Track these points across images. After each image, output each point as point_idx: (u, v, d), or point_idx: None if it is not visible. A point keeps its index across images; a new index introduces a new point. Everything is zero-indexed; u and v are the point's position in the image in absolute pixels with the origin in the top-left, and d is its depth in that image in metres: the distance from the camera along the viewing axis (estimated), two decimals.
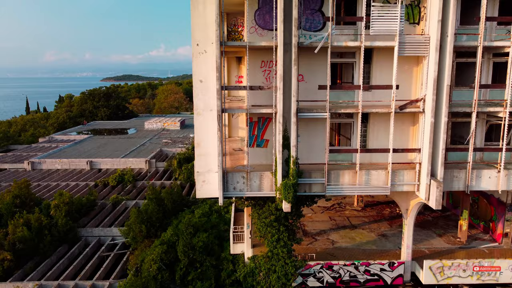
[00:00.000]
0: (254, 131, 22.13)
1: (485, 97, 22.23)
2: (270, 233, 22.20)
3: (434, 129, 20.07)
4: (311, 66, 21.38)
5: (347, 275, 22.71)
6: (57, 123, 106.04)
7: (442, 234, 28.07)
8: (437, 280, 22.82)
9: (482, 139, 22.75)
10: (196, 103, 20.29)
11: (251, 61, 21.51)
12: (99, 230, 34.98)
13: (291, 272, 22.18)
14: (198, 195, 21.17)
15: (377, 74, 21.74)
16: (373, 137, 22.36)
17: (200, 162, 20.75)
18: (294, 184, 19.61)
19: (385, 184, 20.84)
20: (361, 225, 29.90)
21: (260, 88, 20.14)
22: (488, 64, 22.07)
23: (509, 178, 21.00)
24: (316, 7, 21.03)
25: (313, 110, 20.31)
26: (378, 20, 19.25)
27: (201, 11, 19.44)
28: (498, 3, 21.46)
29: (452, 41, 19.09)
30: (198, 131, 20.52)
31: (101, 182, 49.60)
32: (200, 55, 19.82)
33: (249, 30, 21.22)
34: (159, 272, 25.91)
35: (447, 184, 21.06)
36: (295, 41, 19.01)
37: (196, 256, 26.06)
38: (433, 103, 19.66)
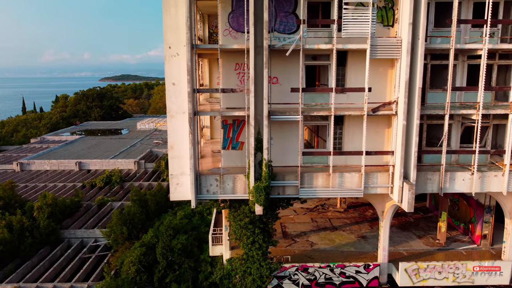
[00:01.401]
0: (229, 133, 22.12)
1: (460, 100, 22.27)
2: (245, 236, 22.19)
3: (407, 132, 20.09)
4: (286, 69, 21.39)
5: (322, 277, 22.71)
6: (50, 123, 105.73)
7: (422, 235, 28.11)
8: (413, 282, 22.86)
9: (458, 141, 22.79)
10: (169, 106, 20.25)
11: (225, 63, 21.52)
12: (82, 231, 34.89)
13: (266, 275, 22.18)
14: (172, 198, 21.13)
15: (351, 77, 21.77)
16: (348, 140, 22.38)
17: (174, 164, 20.72)
18: (266, 186, 19.61)
19: (359, 187, 20.86)
20: (342, 227, 29.93)
21: (233, 91, 20.12)
22: (463, 66, 22.11)
23: (483, 180, 21.05)
24: (290, 9, 21.04)
25: (286, 113, 20.30)
26: (350, 23, 19.27)
27: (173, 14, 19.41)
28: (472, 6, 21.50)
29: (423, 44, 19.11)
30: (172, 134, 20.48)
31: (88, 183, 49.50)
32: (172, 58, 19.78)
33: (223, 33, 21.22)
34: (137, 274, 25.88)
35: (421, 186, 21.11)
36: (266, 44, 19.01)
37: (175, 258, 26.02)
38: (405, 105, 19.67)
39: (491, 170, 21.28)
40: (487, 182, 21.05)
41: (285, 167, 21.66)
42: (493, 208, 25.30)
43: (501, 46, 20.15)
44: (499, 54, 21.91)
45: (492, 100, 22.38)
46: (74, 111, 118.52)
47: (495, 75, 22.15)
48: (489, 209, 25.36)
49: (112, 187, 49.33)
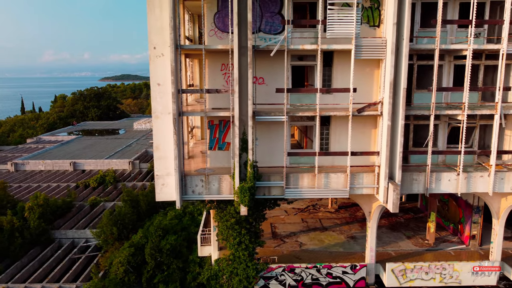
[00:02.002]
0: (215, 134, 22.10)
1: (447, 100, 22.25)
2: (231, 236, 22.18)
3: (392, 132, 20.07)
4: (272, 69, 21.35)
5: (309, 277, 22.69)
6: (47, 123, 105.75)
7: (412, 236, 28.10)
8: (400, 282, 22.85)
9: (444, 141, 22.78)
10: (154, 106, 20.22)
11: (211, 64, 21.51)
12: (73, 232, 34.89)
13: (252, 275, 22.15)
14: (158, 199, 21.12)
15: (338, 77, 21.75)
16: (335, 140, 22.36)
17: (159, 165, 20.69)
18: (250, 187, 19.58)
19: (345, 187, 20.84)
20: (332, 227, 29.90)
21: (217, 91, 20.10)
22: (449, 66, 22.09)
23: (469, 181, 21.03)
24: (276, 10, 21.02)
25: (271, 114, 20.27)
26: (334, 23, 19.23)
27: (158, 14, 19.37)
28: (458, 6, 21.48)
29: (407, 44, 19.08)
30: (157, 134, 20.46)
31: (82, 183, 49.48)
32: (157, 58, 19.74)
33: (209, 33, 21.21)
34: (126, 274, 25.86)
35: (407, 187, 21.09)
36: (250, 45, 18.97)
37: (163, 259, 26.01)
38: (390, 106, 19.65)
39: (477, 170, 21.27)
40: (473, 182, 21.03)
41: (272, 167, 21.62)
42: (481, 208, 25.29)
43: (486, 47, 20.12)
44: (485, 54, 21.89)
45: (479, 101, 22.37)
46: (71, 111, 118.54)
47: (481, 75, 22.14)
48: (478, 209, 25.34)
49: (106, 187, 49.32)
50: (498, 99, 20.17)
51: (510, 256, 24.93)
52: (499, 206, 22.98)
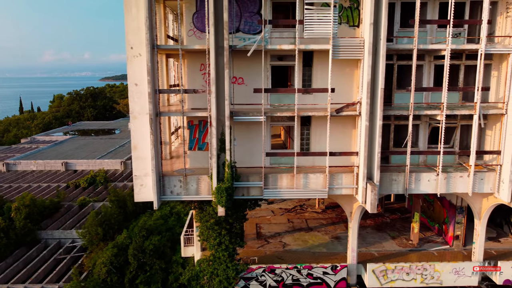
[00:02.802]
0: (195, 134, 22.04)
1: (428, 100, 22.19)
2: (211, 237, 22.11)
3: (370, 133, 20.00)
4: (252, 69, 21.27)
5: (289, 278, 22.62)
6: (43, 123, 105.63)
7: (396, 236, 28.02)
8: (381, 283, 22.78)
9: (425, 142, 22.71)
10: (132, 107, 20.14)
11: (190, 64, 21.46)
12: (59, 232, 34.81)
13: (232, 276, 22.07)
14: (136, 199, 21.00)
15: (318, 77, 21.69)
16: (315, 141, 22.29)
17: (138, 165, 20.59)
18: (227, 188, 19.51)
19: (324, 188, 20.77)
20: (318, 228, 29.84)
21: (195, 91, 20.03)
22: (429, 67, 22.03)
23: (448, 181, 20.98)
24: (255, 9, 20.96)
25: (249, 114, 20.21)
26: (312, 23, 19.17)
27: (135, 14, 19.28)
28: (438, 6, 21.42)
29: (384, 44, 19.02)
30: (135, 134, 20.36)
31: (72, 183, 49.40)
32: (134, 58, 19.65)
33: (188, 33, 21.17)
34: (108, 275, 25.80)
35: (386, 187, 21.03)
36: (227, 45, 18.90)
37: (146, 259, 25.95)
38: (368, 106, 19.58)
39: (457, 171, 21.21)
40: (452, 183, 20.98)
41: (252, 168, 21.53)
42: (465, 209, 25.22)
43: (465, 47, 20.08)
44: (466, 54, 21.82)
45: (460, 101, 22.30)
46: (67, 111, 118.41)
47: (462, 75, 22.08)
48: (461, 209, 25.28)
49: (96, 187, 49.24)
50: (477, 99, 20.11)
51: (493, 256, 24.85)
52: (480, 206, 22.93)
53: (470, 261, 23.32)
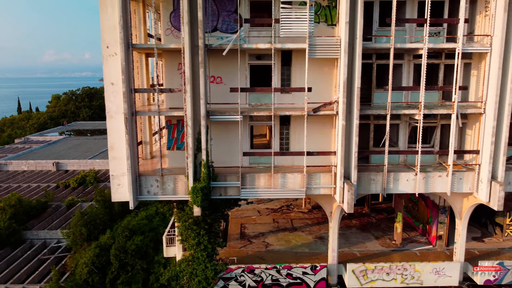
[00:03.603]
0: (173, 133, 21.95)
1: (407, 99, 22.09)
2: (190, 237, 22.00)
3: (347, 132, 19.92)
4: (230, 68, 21.19)
5: (269, 278, 22.51)
6: (38, 123, 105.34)
7: (380, 236, 27.93)
8: (361, 283, 22.67)
9: (405, 141, 22.63)
10: (108, 106, 20.05)
11: (168, 63, 21.37)
12: (45, 232, 34.68)
13: (211, 276, 21.97)
14: (113, 199, 20.92)
15: (296, 76, 21.60)
16: (294, 140, 22.21)
17: (114, 165, 20.51)
18: (203, 187, 19.41)
19: (301, 187, 20.68)
20: (302, 228, 29.73)
21: (171, 91, 19.94)
22: (409, 66, 21.94)
23: (427, 180, 20.89)
24: (232, 8, 20.87)
25: (226, 113, 20.11)
26: (288, 22, 19.08)
27: (110, 13, 19.17)
28: (417, 5, 21.33)
29: (360, 43, 18.93)
30: (111, 134, 20.27)
31: (62, 183, 49.26)
32: (110, 58, 19.56)
33: (165, 32, 21.07)
34: (89, 275, 25.68)
35: (364, 187, 20.94)
36: (202, 44, 18.81)
37: (128, 260, 25.83)
38: (344, 105, 19.49)
39: (436, 170, 21.13)
40: (431, 182, 20.89)
41: (231, 167, 21.44)
42: (448, 209, 25.13)
43: (442, 46, 20.00)
44: (445, 53, 21.73)
45: (440, 100, 22.20)
46: (62, 111, 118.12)
47: (441, 74, 21.99)
48: (444, 209, 25.20)
49: (86, 187, 49.10)
50: (455, 99, 20.02)
51: (475, 256, 24.76)
52: (461, 206, 22.83)
53: (450, 261, 23.21)
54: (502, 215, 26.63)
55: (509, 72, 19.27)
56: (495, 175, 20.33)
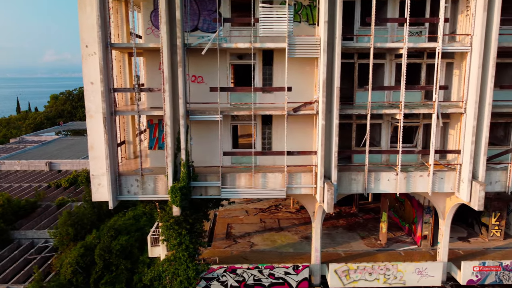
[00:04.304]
0: (155, 133, 21.90)
1: (389, 99, 22.05)
2: (172, 237, 21.95)
3: (327, 132, 19.87)
4: (212, 68, 21.14)
5: (251, 278, 22.46)
6: (34, 123, 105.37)
7: (366, 236, 27.87)
8: (343, 283, 22.63)
9: (388, 141, 22.57)
10: (88, 106, 20.00)
11: (149, 62, 21.31)
12: (32, 232, 34.65)
13: (192, 276, 21.92)
14: (94, 199, 20.86)
15: (278, 76, 21.54)
16: (277, 140, 22.16)
17: (95, 165, 20.45)
18: (182, 187, 19.36)
19: (282, 187, 20.63)
20: (289, 228, 29.68)
21: (150, 90, 19.89)
22: (391, 65, 21.89)
23: (408, 180, 20.85)
24: (213, 8, 20.82)
25: (206, 113, 20.06)
26: (267, 21, 19.04)
27: (89, 12, 19.12)
28: (398, 5, 21.28)
29: (339, 43, 18.90)
30: (91, 133, 20.22)
31: (54, 183, 49.21)
32: (89, 57, 19.51)
33: (146, 31, 21.03)
34: (74, 275, 25.63)
35: (345, 187, 20.89)
36: (180, 43, 18.76)
37: (113, 260, 25.78)
38: (323, 105, 19.44)
39: (418, 170, 21.08)
40: (412, 182, 20.85)
41: (213, 167, 21.38)
42: (432, 209, 25.06)
43: (422, 45, 19.97)
44: (427, 53, 21.67)
45: (422, 100, 22.14)
46: (59, 111, 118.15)
47: (424, 74, 21.92)
48: (429, 209, 25.14)
49: (78, 187, 49.05)
50: (435, 98, 19.98)
51: (459, 256, 24.71)
52: (444, 206, 22.79)
53: (433, 261, 23.16)
54: (487, 215, 26.59)
55: (489, 71, 19.24)
56: (476, 175, 20.28)
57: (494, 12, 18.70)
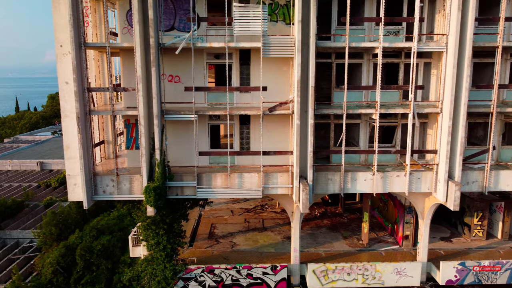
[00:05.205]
0: (132, 133, 21.86)
1: (367, 99, 21.98)
2: (149, 237, 21.90)
3: (303, 131, 19.81)
4: (189, 67, 21.05)
5: (229, 279, 22.40)
6: (29, 123, 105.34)
7: (349, 236, 27.80)
8: (322, 283, 22.58)
9: (366, 141, 22.51)
10: (63, 106, 19.94)
11: (126, 62, 21.26)
12: (17, 232, 34.60)
13: (170, 276, 21.86)
14: (70, 199, 20.82)
15: (256, 75, 21.48)
16: (254, 140, 22.11)
17: (70, 165, 20.40)
18: (156, 187, 19.29)
19: (258, 187, 20.57)
20: (272, 228, 29.61)
21: (125, 90, 19.85)
22: (368, 65, 21.82)
23: (385, 180, 20.79)
24: (190, 7, 20.72)
25: (181, 112, 20.01)
26: (241, 21, 18.98)
27: (63, 12, 19.07)
28: (375, 4, 21.22)
29: (314, 42, 18.85)
30: (67, 133, 20.16)
31: (44, 183, 49.16)
32: (64, 57, 19.46)
33: (122, 31, 20.98)
34: (54, 275, 25.57)
35: (322, 187, 20.83)
36: (153, 42, 18.70)
37: (93, 260, 25.72)
38: (298, 105, 19.38)
39: (395, 170, 21.02)
40: (389, 182, 20.79)
41: (190, 167, 21.32)
42: (413, 209, 24.99)
43: (398, 45, 19.88)
44: (405, 53, 21.61)
45: (400, 99, 22.06)
46: (55, 110, 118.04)
47: (402, 74, 21.86)
48: (410, 209, 25.06)
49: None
50: (411, 98, 19.92)
51: (440, 256, 24.64)
52: (423, 206, 22.73)
53: (411, 261, 23.10)
54: (470, 215, 26.53)
55: (464, 71, 19.17)
56: (452, 175, 20.23)
57: (468, 12, 18.64)
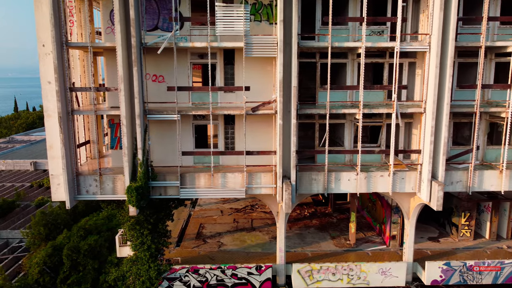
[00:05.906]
0: (116, 132, 21.83)
1: (352, 99, 21.96)
2: (134, 237, 21.87)
3: (286, 131, 19.79)
4: (173, 67, 21.01)
5: (214, 279, 22.37)
6: (26, 123, 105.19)
7: (336, 236, 27.77)
8: (307, 284, 22.55)
9: (351, 140, 22.49)
10: (46, 105, 19.90)
11: (109, 61, 21.22)
12: (7, 232, 34.58)
13: (154, 276, 21.82)
14: (53, 199, 20.79)
15: (240, 75, 21.43)
16: (239, 139, 22.08)
17: (53, 165, 20.37)
18: (138, 187, 19.25)
19: (242, 187, 20.54)
20: (261, 228, 29.58)
21: (107, 90, 19.82)
22: (353, 65, 21.79)
23: (369, 180, 20.76)
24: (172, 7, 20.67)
25: (164, 112, 19.98)
26: (223, 21, 18.95)
27: (45, 11, 18.99)
28: (359, 4, 21.18)
29: (296, 42, 18.82)
30: (50, 133, 20.14)
31: (36, 183, 49.11)
32: (46, 56, 19.42)
33: (106, 31, 20.94)
34: (41, 275, 25.53)
35: (306, 187, 20.81)
36: (135, 42, 18.66)
37: (80, 260, 25.68)
38: (281, 105, 19.36)
39: (379, 170, 21.00)
40: (373, 182, 20.76)
41: (174, 167, 21.30)
42: (400, 209, 24.96)
43: (381, 44, 19.86)
44: (389, 52, 21.58)
45: (385, 99, 22.03)
46: None
47: (386, 73, 21.84)
48: (397, 209, 25.04)
49: None
50: (394, 98, 19.89)
51: (427, 256, 24.62)
52: (408, 206, 22.71)
53: (396, 261, 23.08)
54: (458, 215, 26.51)
55: (447, 71, 19.15)
56: (435, 175, 20.21)
57: (451, 12, 18.60)
